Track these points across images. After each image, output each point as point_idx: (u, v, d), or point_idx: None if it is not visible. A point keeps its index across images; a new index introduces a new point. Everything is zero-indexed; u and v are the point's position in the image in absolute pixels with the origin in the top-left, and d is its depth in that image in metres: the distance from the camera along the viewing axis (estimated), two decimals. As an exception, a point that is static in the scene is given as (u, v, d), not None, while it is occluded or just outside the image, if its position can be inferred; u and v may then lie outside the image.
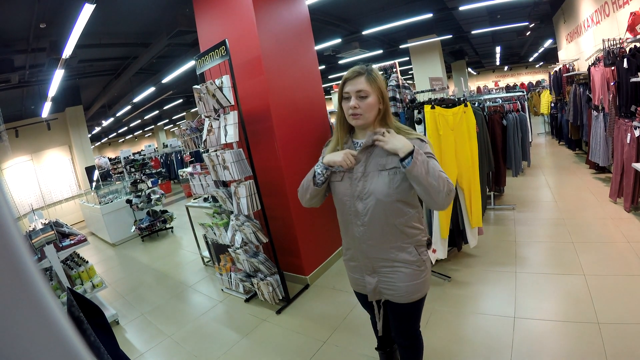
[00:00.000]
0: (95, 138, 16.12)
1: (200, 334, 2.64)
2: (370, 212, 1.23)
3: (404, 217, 1.24)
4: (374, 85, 1.20)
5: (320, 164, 1.29)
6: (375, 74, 1.22)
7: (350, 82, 1.21)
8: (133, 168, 7.04)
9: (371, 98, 1.20)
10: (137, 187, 5.80)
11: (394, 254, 1.27)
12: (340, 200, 1.30)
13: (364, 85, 1.19)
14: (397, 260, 1.28)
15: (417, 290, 1.30)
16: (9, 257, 0.23)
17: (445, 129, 2.57)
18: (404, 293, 1.30)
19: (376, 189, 1.22)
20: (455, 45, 11.27)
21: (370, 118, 1.23)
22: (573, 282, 2.41)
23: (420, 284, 1.30)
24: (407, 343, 1.46)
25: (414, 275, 1.28)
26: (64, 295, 2.70)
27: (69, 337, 0.26)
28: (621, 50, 3.66)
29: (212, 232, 3.07)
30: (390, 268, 1.29)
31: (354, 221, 1.28)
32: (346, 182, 1.28)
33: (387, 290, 1.33)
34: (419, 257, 1.29)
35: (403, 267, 1.28)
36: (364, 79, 1.20)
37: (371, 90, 1.20)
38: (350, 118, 1.24)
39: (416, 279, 1.29)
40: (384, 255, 1.28)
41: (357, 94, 1.20)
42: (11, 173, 8.03)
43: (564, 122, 6.61)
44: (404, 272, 1.28)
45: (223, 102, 2.57)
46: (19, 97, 7.31)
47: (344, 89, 1.24)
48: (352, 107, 1.20)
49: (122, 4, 4.34)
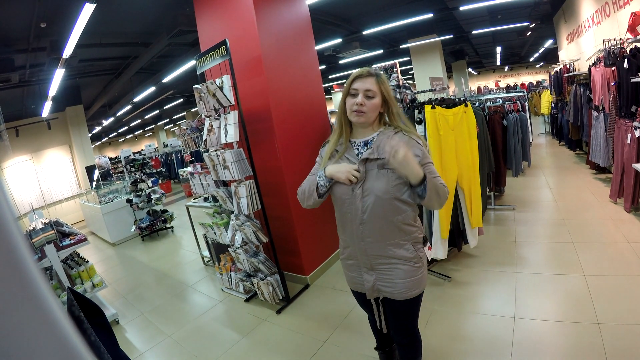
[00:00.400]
0: (95, 137, 16.12)
1: (200, 334, 2.64)
2: (370, 209, 1.25)
3: (401, 214, 1.26)
4: (382, 87, 1.26)
5: (323, 176, 1.30)
6: (384, 78, 1.28)
7: (360, 80, 1.25)
8: (133, 168, 7.05)
9: (377, 99, 1.25)
10: (137, 187, 5.80)
11: (392, 250, 1.29)
12: (339, 198, 1.32)
13: (373, 85, 1.25)
14: (395, 257, 1.30)
15: (415, 286, 1.33)
16: (9, 256, 0.23)
17: (445, 129, 2.57)
18: (402, 289, 1.32)
19: (375, 186, 1.24)
20: (455, 45, 11.27)
21: (372, 118, 1.28)
22: (573, 282, 2.41)
23: (417, 280, 1.33)
24: (406, 341, 1.47)
25: (411, 271, 1.31)
26: (64, 294, 2.70)
27: (70, 336, 0.26)
28: (622, 50, 3.65)
29: (212, 232, 3.07)
30: (387, 265, 1.31)
31: (352, 219, 1.30)
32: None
33: (385, 287, 1.35)
34: (416, 253, 1.32)
35: (400, 264, 1.30)
36: (374, 80, 1.25)
37: (378, 92, 1.25)
38: (353, 115, 1.26)
39: (413, 275, 1.31)
40: (382, 252, 1.30)
41: (365, 92, 1.24)
42: (11, 172, 8.03)
43: (565, 123, 6.60)
44: (401, 269, 1.30)
45: (223, 101, 2.57)
46: (19, 97, 7.31)
47: (352, 85, 1.27)
48: (358, 103, 1.24)
49: (123, 4, 4.34)
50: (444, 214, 2.64)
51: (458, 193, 2.78)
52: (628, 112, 3.38)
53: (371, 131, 1.32)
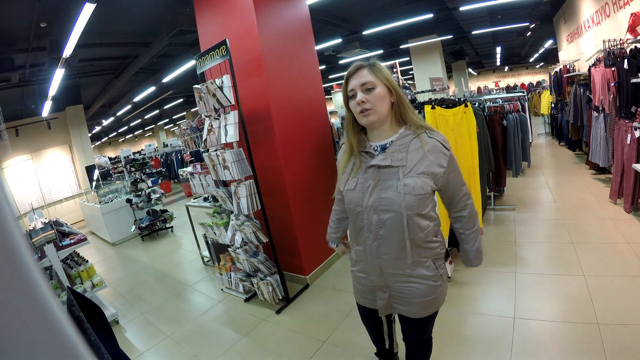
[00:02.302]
0: (95, 137, 16.12)
1: (199, 334, 2.64)
2: (387, 225, 1.11)
3: (424, 231, 1.12)
4: (380, 74, 1.09)
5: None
6: (378, 65, 1.11)
7: (353, 78, 1.11)
8: (133, 167, 7.04)
9: (379, 89, 1.08)
10: (137, 187, 5.80)
11: (410, 269, 1.16)
12: (353, 210, 1.17)
13: (368, 77, 1.08)
14: (413, 275, 1.16)
15: (432, 305, 1.22)
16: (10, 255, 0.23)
17: (445, 129, 2.57)
18: (419, 309, 1.21)
19: (394, 199, 1.08)
20: (455, 46, 11.27)
21: (383, 112, 1.10)
22: (573, 282, 2.41)
23: (435, 299, 1.21)
24: (419, 347, 1.43)
25: (429, 290, 1.18)
26: (64, 294, 2.70)
27: (70, 336, 0.26)
28: (622, 51, 3.65)
29: (212, 232, 3.07)
30: (404, 283, 1.18)
31: (367, 233, 1.16)
32: (358, 190, 1.15)
33: (399, 306, 1.24)
34: (437, 271, 1.19)
35: (418, 282, 1.17)
36: (366, 71, 1.09)
37: (377, 81, 1.08)
38: (361, 117, 1.10)
39: (431, 294, 1.19)
40: (399, 270, 1.16)
41: (363, 87, 1.08)
42: (11, 172, 8.03)
43: (564, 123, 6.60)
44: (418, 288, 1.17)
45: (223, 101, 2.57)
46: (19, 96, 7.31)
47: (347, 87, 1.12)
48: (359, 102, 1.08)
49: (123, 4, 4.34)
50: (443, 214, 2.64)
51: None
52: (628, 112, 3.38)
53: (390, 132, 1.15)
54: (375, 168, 1.12)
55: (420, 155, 1.09)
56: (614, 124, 3.66)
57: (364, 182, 1.14)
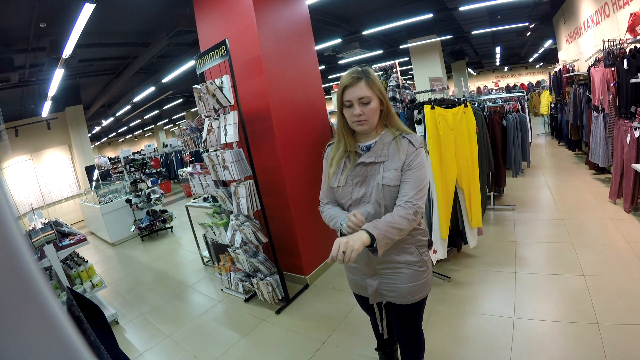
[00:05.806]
0: (95, 137, 16.11)
1: (199, 334, 2.64)
2: (371, 215, 1.23)
3: None
4: (374, 88, 1.20)
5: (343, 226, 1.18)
6: (372, 77, 1.21)
7: (350, 89, 1.19)
8: (133, 168, 7.05)
9: (374, 103, 1.20)
10: (136, 187, 5.80)
11: (396, 255, 1.27)
12: (344, 205, 1.32)
13: (364, 91, 1.18)
14: (399, 261, 1.28)
15: (419, 290, 1.31)
16: (10, 256, 0.23)
17: (445, 129, 2.57)
18: (406, 294, 1.30)
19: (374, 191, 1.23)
20: (455, 46, 11.28)
21: (375, 121, 1.24)
22: (573, 282, 2.41)
23: (422, 285, 1.31)
24: (410, 342, 1.46)
25: (415, 275, 1.29)
26: (63, 294, 2.70)
27: (70, 336, 0.26)
28: (621, 51, 3.66)
29: (212, 232, 3.07)
30: (391, 269, 1.30)
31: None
32: (349, 185, 1.28)
33: (388, 292, 1.33)
34: (421, 257, 1.30)
35: (404, 268, 1.28)
36: (363, 84, 1.18)
37: (372, 95, 1.19)
38: (355, 124, 1.23)
39: (418, 280, 1.29)
40: (385, 256, 1.26)
41: (360, 100, 1.19)
42: (11, 172, 8.03)
43: (564, 123, 6.61)
44: (405, 273, 1.29)
45: (223, 102, 2.57)
46: (18, 97, 7.31)
47: (343, 96, 1.21)
48: (357, 115, 1.20)
49: (123, 4, 4.34)
50: (443, 214, 2.64)
51: (457, 193, 2.79)
52: (627, 112, 3.38)
53: (374, 134, 1.29)
54: (362, 165, 1.26)
55: (395, 152, 1.24)
56: (614, 124, 3.66)
57: (353, 177, 1.28)
